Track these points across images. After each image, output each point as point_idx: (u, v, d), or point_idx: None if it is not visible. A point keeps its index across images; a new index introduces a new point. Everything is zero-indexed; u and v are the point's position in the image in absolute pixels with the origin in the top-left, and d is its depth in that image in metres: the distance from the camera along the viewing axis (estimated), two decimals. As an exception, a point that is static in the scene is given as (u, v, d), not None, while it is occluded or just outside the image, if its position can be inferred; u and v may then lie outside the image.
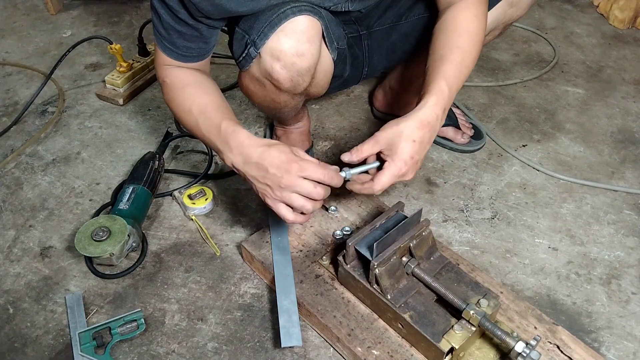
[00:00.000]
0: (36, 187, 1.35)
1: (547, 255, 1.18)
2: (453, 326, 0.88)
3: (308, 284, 1.03)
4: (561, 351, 0.92)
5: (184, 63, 1.01)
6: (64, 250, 1.19)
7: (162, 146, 1.39)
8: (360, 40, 1.22)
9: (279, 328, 0.95)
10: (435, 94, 0.91)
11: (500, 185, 1.35)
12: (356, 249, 0.95)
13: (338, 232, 1.12)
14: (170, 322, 1.04)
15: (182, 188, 1.29)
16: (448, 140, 1.44)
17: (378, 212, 1.16)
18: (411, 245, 0.95)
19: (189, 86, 1.00)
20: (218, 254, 1.17)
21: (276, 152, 0.86)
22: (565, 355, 0.91)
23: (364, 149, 0.90)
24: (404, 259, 0.96)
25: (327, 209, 1.17)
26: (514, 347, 0.82)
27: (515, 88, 1.69)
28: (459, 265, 1.02)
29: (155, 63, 1.05)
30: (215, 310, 1.06)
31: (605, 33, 1.98)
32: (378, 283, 0.92)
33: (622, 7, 1.97)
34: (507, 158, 1.44)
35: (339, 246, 1.09)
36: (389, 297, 0.92)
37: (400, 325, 0.93)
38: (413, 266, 0.94)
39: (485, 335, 0.93)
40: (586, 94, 1.68)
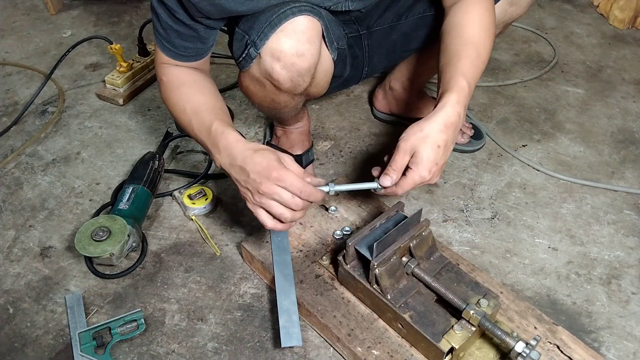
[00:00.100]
0: (36, 187, 1.35)
1: (547, 255, 1.18)
2: (453, 326, 0.88)
3: (308, 284, 1.03)
4: (561, 351, 0.92)
5: (182, 62, 1.01)
6: (64, 250, 1.19)
7: (162, 146, 1.39)
8: (360, 40, 1.22)
9: (279, 328, 0.95)
10: (457, 91, 0.89)
11: (500, 185, 1.35)
12: (356, 249, 0.95)
13: (338, 232, 1.12)
14: (170, 322, 1.04)
15: (182, 188, 1.29)
16: (448, 140, 1.43)
17: (378, 212, 1.16)
18: (411, 245, 0.95)
19: (185, 85, 1.00)
20: (218, 254, 1.17)
21: (259, 158, 0.85)
22: (565, 355, 0.91)
23: (399, 165, 0.87)
24: (404, 259, 0.96)
25: (327, 209, 1.17)
26: (514, 347, 0.82)
27: (515, 88, 1.69)
28: (459, 265, 1.02)
29: (154, 62, 1.06)
30: (215, 310, 1.06)
31: (605, 33, 1.98)
32: (378, 283, 0.92)
33: (622, 7, 1.97)
34: (507, 158, 1.44)
35: (339, 246, 1.09)
36: (389, 297, 0.92)
37: (400, 325, 0.93)
38: (413, 266, 0.94)
39: (485, 335, 0.93)
40: (586, 94, 1.68)
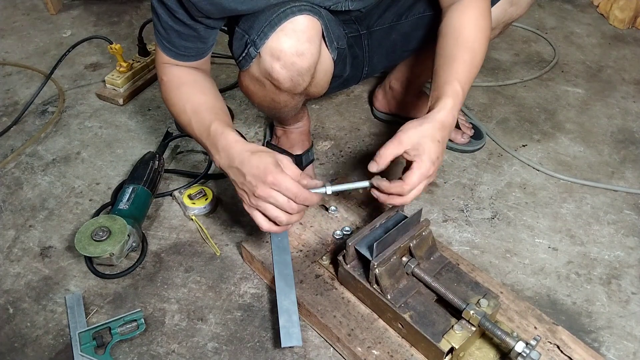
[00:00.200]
0: (36, 187, 1.35)
1: (547, 255, 1.18)
2: (453, 326, 0.88)
3: (308, 284, 1.03)
4: (561, 351, 0.92)
5: (183, 62, 1.01)
6: (64, 250, 1.19)
7: (162, 146, 1.39)
8: (360, 40, 1.22)
9: (279, 328, 0.95)
10: (452, 96, 0.90)
11: (500, 185, 1.35)
12: (356, 249, 0.95)
13: (338, 232, 1.12)
14: (170, 322, 1.04)
15: (182, 188, 1.29)
16: (448, 140, 1.43)
17: (378, 212, 1.16)
18: (411, 245, 0.95)
19: (185, 85, 1.00)
20: (218, 254, 1.17)
21: (255, 161, 0.85)
22: (565, 355, 0.91)
23: (388, 152, 0.87)
24: (404, 259, 0.95)
25: (327, 209, 1.17)
26: (514, 347, 0.82)
27: (515, 88, 1.69)
28: (459, 265, 1.02)
29: (155, 61, 1.06)
30: (215, 310, 1.06)
31: (605, 33, 1.98)
32: (378, 283, 0.92)
33: (622, 7, 1.97)
34: (507, 158, 1.44)
35: (339, 246, 1.09)
36: (389, 297, 0.92)
37: (400, 325, 0.93)
38: (413, 266, 0.94)
39: (485, 335, 0.93)
40: (586, 94, 1.68)
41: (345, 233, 1.12)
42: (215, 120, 0.92)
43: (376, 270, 0.90)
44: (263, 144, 1.46)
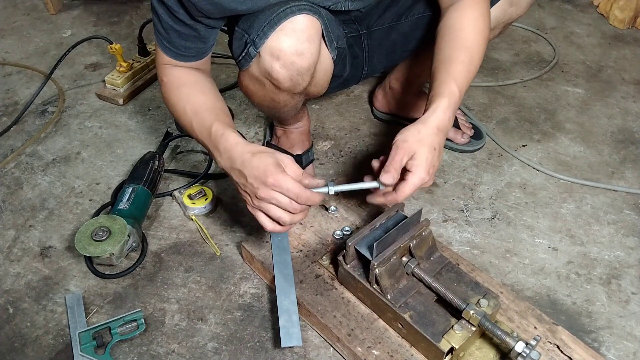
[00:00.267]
0: (36, 187, 1.35)
1: (547, 255, 1.18)
2: (453, 326, 0.88)
3: (308, 284, 1.03)
4: (561, 351, 0.92)
5: (183, 62, 1.01)
6: (64, 250, 1.19)
7: (162, 146, 1.39)
8: (360, 40, 1.22)
9: (279, 328, 0.94)
10: (447, 96, 0.90)
11: (500, 185, 1.35)
12: (356, 249, 0.95)
13: (338, 232, 1.12)
14: (170, 322, 1.04)
15: (182, 188, 1.29)
16: (448, 140, 1.44)
17: (378, 212, 1.16)
18: (411, 245, 0.95)
19: (185, 86, 1.00)
20: (218, 254, 1.17)
21: (256, 162, 0.85)
22: (565, 355, 0.91)
23: (398, 164, 0.88)
24: (404, 259, 0.95)
25: (327, 209, 1.17)
26: (514, 347, 0.82)
27: (515, 88, 1.69)
28: (459, 265, 1.02)
29: (155, 62, 1.06)
30: (215, 310, 1.06)
31: (605, 33, 1.98)
32: (378, 283, 0.92)
33: (622, 7, 1.97)
34: (507, 158, 1.44)
35: (339, 246, 1.09)
36: (389, 297, 0.92)
37: (400, 325, 0.93)
38: (413, 266, 0.94)
39: (485, 335, 0.92)
40: (586, 94, 1.68)
41: (345, 233, 1.12)
42: (216, 121, 0.92)
43: (376, 270, 0.90)
44: (263, 144, 1.46)
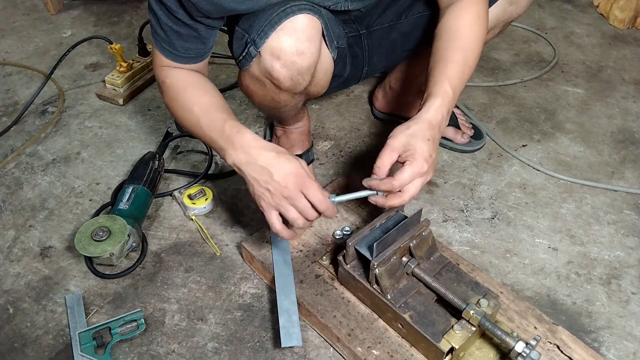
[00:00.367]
0: (36, 187, 1.35)
1: (547, 255, 1.18)
2: (453, 326, 0.88)
3: (308, 284, 1.03)
4: (561, 351, 0.92)
5: (183, 64, 1.01)
6: (64, 250, 1.19)
7: (162, 146, 1.39)
8: (360, 40, 1.22)
9: (279, 328, 0.95)
10: (440, 96, 0.91)
11: (500, 185, 1.35)
12: (356, 249, 0.95)
13: (338, 232, 1.12)
14: (170, 322, 1.04)
15: (182, 188, 1.29)
16: (448, 140, 1.44)
17: (378, 212, 1.16)
18: (411, 245, 0.95)
19: (190, 86, 1.00)
20: (218, 254, 1.17)
21: (285, 161, 0.87)
22: (565, 355, 0.91)
23: (384, 163, 0.89)
24: (404, 259, 0.95)
25: (327, 209, 1.17)
26: (514, 347, 0.82)
27: (515, 88, 1.69)
28: (459, 265, 1.02)
29: (153, 65, 1.05)
30: (215, 310, 1.06)
31: (605, 33, 1.98)
32: (378, 283, 0.92)
33: (622, 7, 1.97)
34: (507, 158, 1.44)
35: (339, 246, 1.09)
36: (389, 297, 0.92)
37: (400, 325, 0.93)
38: (413, 266, 0.94)
39: (485, 335, 0.92)
40: (586, 94, 1.68)
41: (345, 233, 1.12)
42: (229, 119, 0.93)
43: (376, 270, 0.90)
44: None
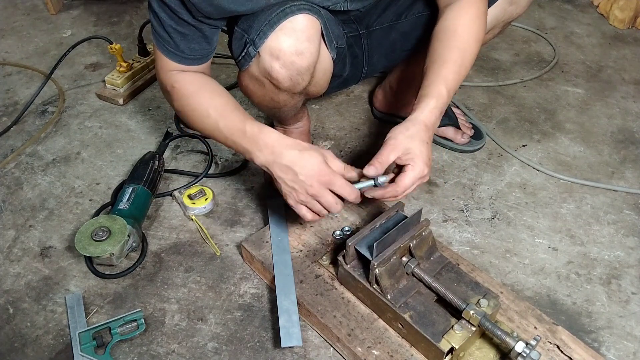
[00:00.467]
0: (36, 187, 1.35)
1: (547, 255, 1.18)
2: (453, 326, 0.88)
3: (308, 284, 1.03)
4: (561, 351, 0.92)
5: (189, 67, 1.00)
6: (64, 250, 1.19)
7: (162, 146, 1.39)
8: (360, 40, 1.22)
9: (279, 328, 0.95)
10: (435, 97, 0.93)
11: (500, 185, 1.35)
12: (356, 249, 0.95)
13: (338, 232, 1.12)
14: (170, 322, 1.04)
15: (182, 188, 1.29)
16: (448, 140, 1.44)
17: (378, 212, 1.16)
18: (411, 245, 0.95)
19: (202, 89, 0.99)
20: (218, 254, 1.17)
21: (308, 158, 0.88)
22: (565, 355, 0.91)
23: (388, 158, 0.90)
24: (404, 259, 0.95)
25: (327, 209, 1.17)
26: (514, 347, 0.82)
27: (515, 88, 1.69)
28: (459, 265, 1.02)
29: (158, 70, 1.02)
30: (215, 310, 1.06)
31: (605, 33, 1.98)
32: (378, 283, 0.92)
33: (622, 7, 1.97)
34: (507, 158, 1.44)
35: (339, 246, 1.09)
36: (389, 297, 0.92)
37: (400, 325, 0.93)
38: (413, 266, 0.94)
39: (485, 335, 0.92)
40: (586, 94, 1.68)
41: (345, 233, 1.12)
42: (248, 120, 0.94)
43: (376, 270, 0.90)
44: None
